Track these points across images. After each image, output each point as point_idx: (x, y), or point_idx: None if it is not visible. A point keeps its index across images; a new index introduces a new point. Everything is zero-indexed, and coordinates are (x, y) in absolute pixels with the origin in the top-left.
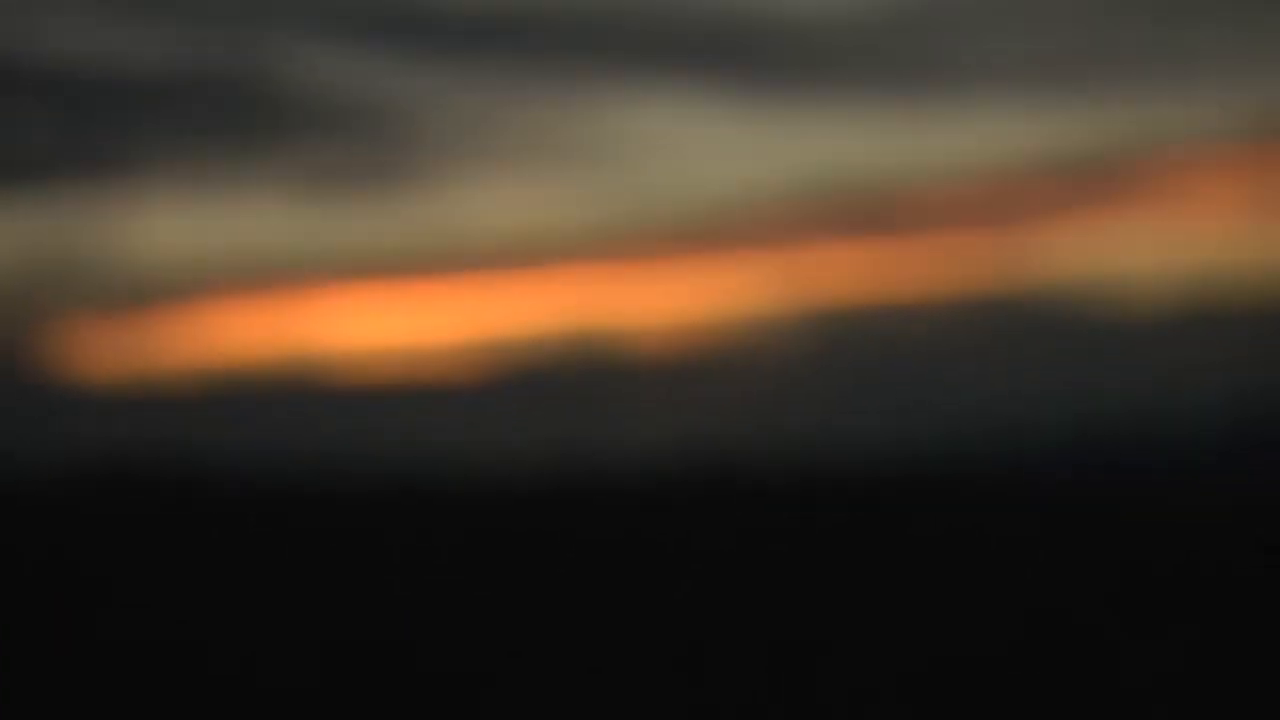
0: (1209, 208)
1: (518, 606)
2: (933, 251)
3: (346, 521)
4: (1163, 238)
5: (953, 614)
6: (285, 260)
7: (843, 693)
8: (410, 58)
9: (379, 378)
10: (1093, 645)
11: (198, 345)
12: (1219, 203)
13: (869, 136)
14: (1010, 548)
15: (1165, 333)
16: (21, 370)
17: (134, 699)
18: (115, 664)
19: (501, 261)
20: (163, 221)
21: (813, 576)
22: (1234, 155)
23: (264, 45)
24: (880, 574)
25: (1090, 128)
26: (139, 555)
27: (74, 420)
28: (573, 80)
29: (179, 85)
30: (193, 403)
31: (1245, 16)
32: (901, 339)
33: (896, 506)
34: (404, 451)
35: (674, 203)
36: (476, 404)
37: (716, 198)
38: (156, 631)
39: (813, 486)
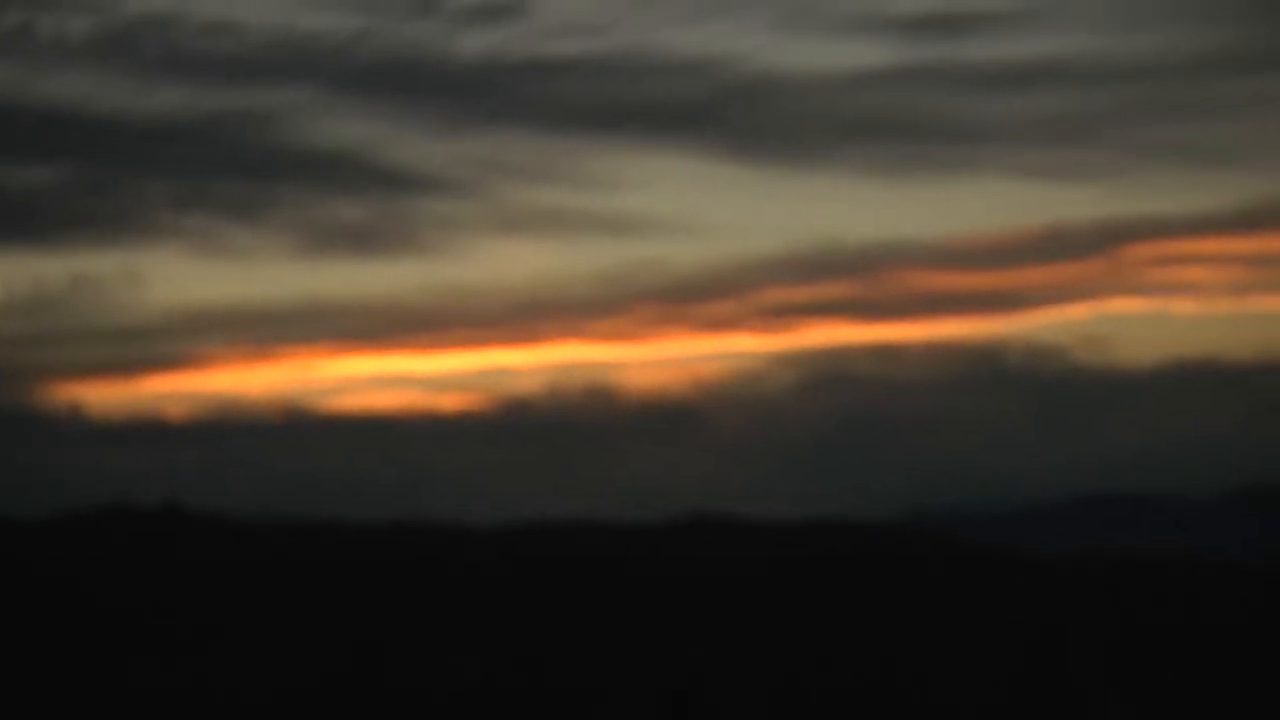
0: (1201, 282)
1: (502, 640)
2: (926, 312)
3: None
4: (1155, 308)
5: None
6: (287, 314)
7: None
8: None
9: (378, 428)
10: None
11: (199, 391)
12: (1211, 278)
13: (865, 198)
14: (1000, 597)
15: (1156, 394)
16: (25, 409)
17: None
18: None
19: (504, 318)
20: (169, 268)
21: (795, 616)
22: (1226, 235)
23: (277, 101)
24: (867, 621)
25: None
26: (137, 584)
27: (76, 457)
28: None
29: (188, 136)
30: (190, 444)
31: (1237, 112)
32: (892, 395)
33: (883, 556)
34: (404, 496)
35: (670, 262)
36: (477, 452)
37: (714, 257)
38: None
39: (799, 533)
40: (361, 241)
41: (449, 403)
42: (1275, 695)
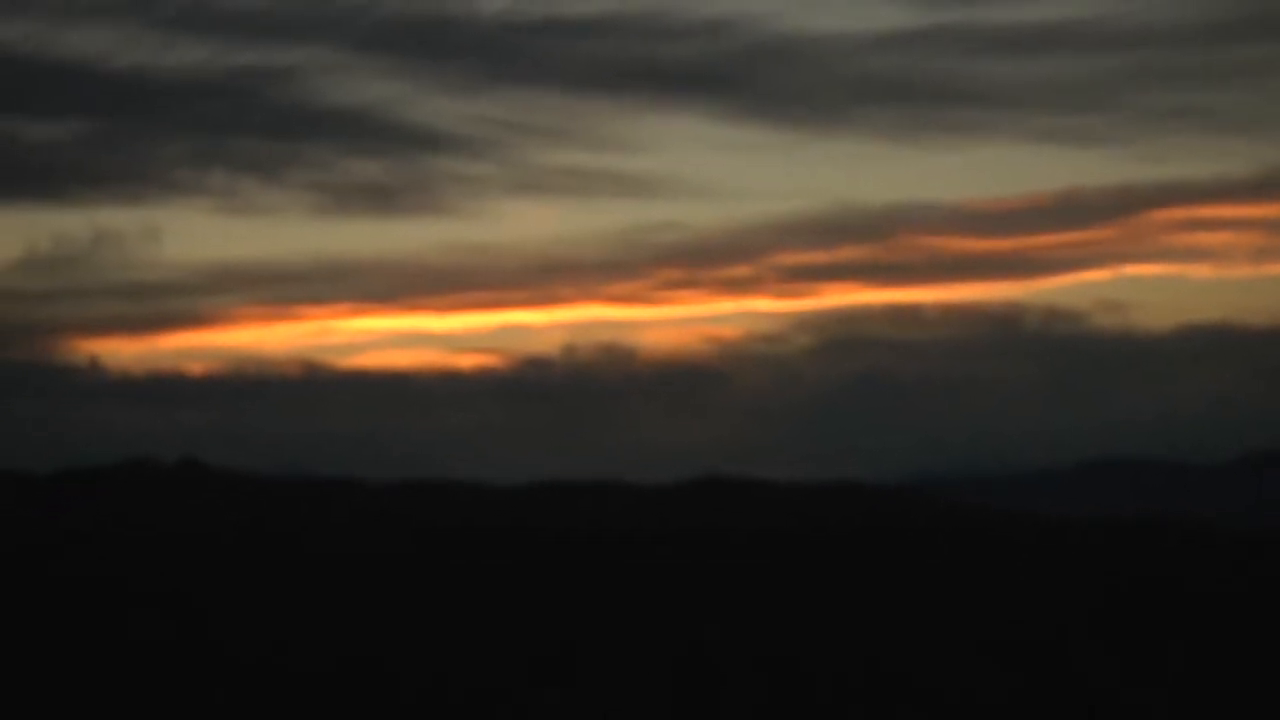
0: (1219, 248)
1: (516, 602)
2: (943, 275)
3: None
4: (1172, 273)
5: (947, 627)
6: (307, 272)
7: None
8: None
9: (396, 386)
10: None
11: (218, 347)
12: (1229, 244)
13: (883, 161)
14: (1015, 559)
15: (1172, 359)
16: (46, 364)
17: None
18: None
19: (522, 278)
20: (189, 225)
21: (807, 582)
22: (1244, 201)
23: (299, 59)
24: (882, 584)
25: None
26: (155, 538)
27: (96, 412)
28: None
29: (209, 93)
30: (209, 401)
31: (1257, 77)
32: (908, 358)
33: (899, 519)
34: (422, 454)
35: (688, 224)
36: (494, 412)
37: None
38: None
39: (817, 496)
40: (381, 200)
41: (467, 362)
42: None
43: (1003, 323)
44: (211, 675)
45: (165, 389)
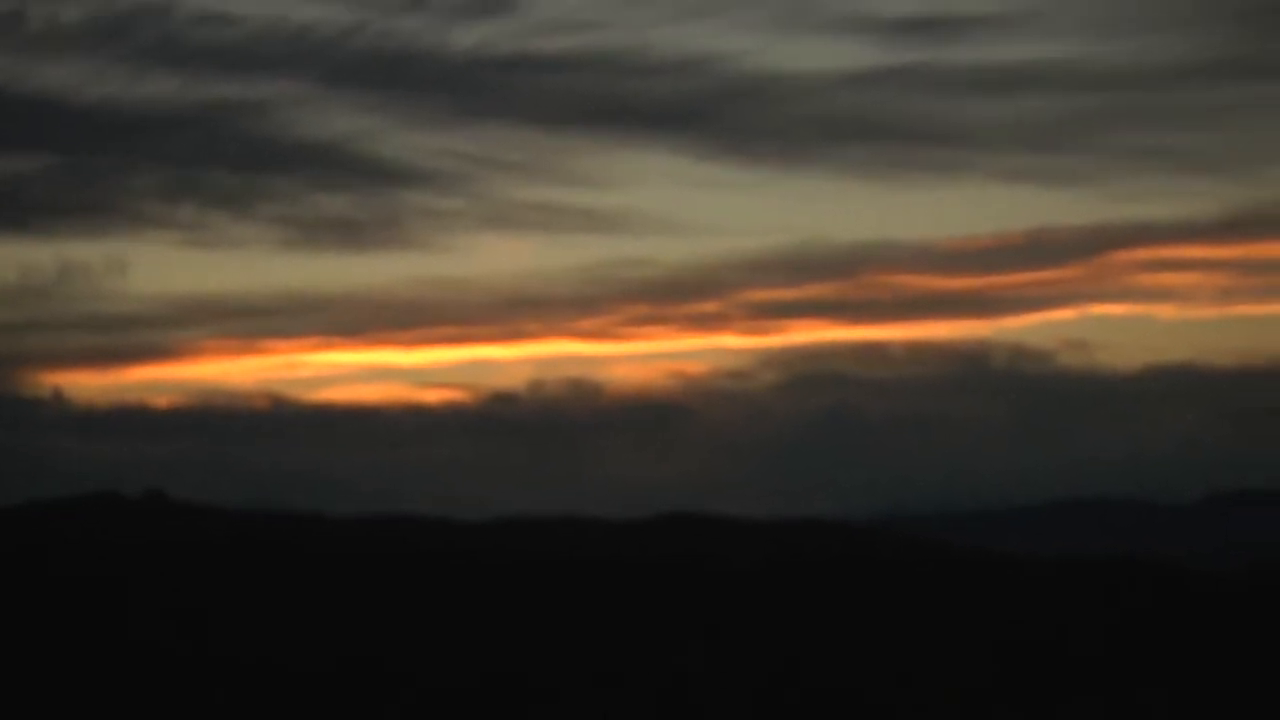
0: (1184, 288)
1: (483, 637)
2: (910, 313)
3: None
4: (1138, 313)
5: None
6: (274, 305)
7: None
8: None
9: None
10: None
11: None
12: (1194, 284)
13: (851, 199)
14: (977, 600)
15: (1137, 399)
16: (11, 396)
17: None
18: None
19: (490, 313)
20: (157, 257)
21: (774, 617)
22: (1210, 242)
23: (268, 93)
24: (849, 620)
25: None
26: (120, 572)
27: (61, 445)
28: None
29: (178, 126)
30: (175, 434)
31: (1223, 119)
32: (875, 395)
33: (866, 556)
34: (387, 489)
35: (656, 260)
36: (461, 446)
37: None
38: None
39: (784, 532)
40: (349, 234)
41: (434, 397)
42: (1250, 696)
43: (969, 361)
44: (180, 704)
45: (130, 421)
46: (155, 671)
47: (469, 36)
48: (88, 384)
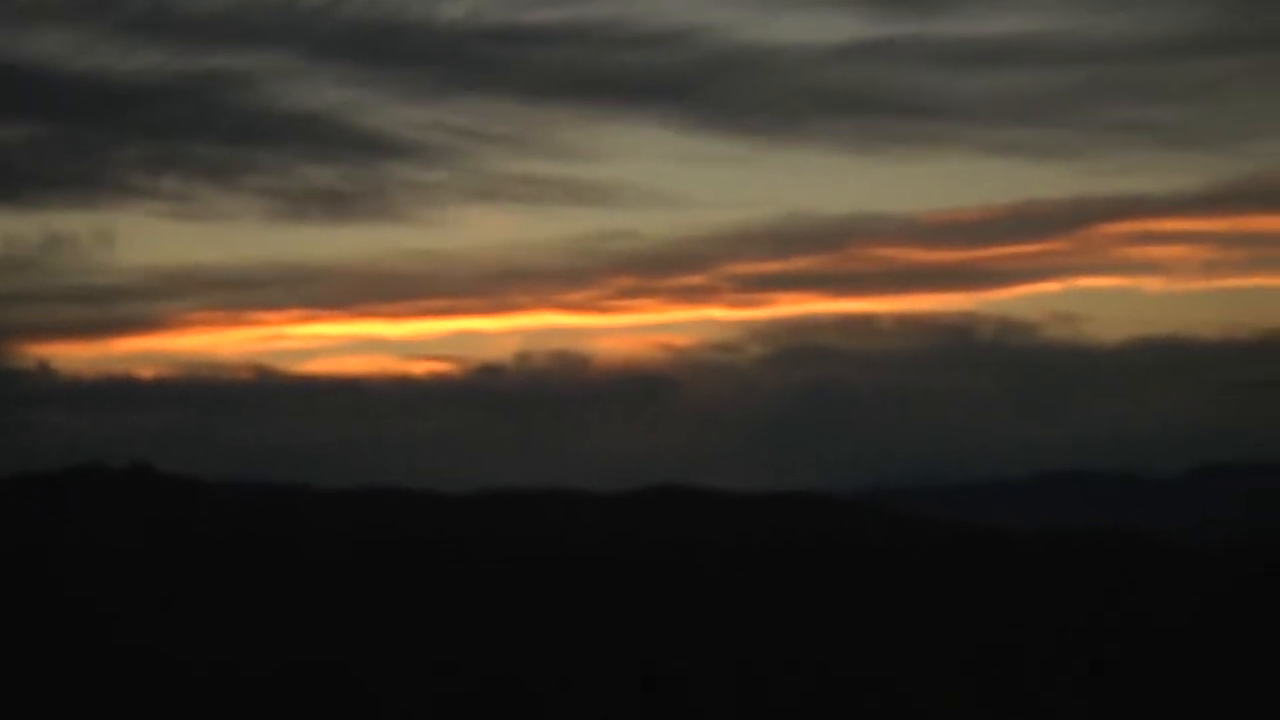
0: (1171, 261)
1: (470, 609)
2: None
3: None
4: (1125, 286)
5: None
6: (261, 277)
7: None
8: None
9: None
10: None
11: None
12: (1181, 257)
13: (838, 172)
14: (969, 569)
15: (1124, 371)
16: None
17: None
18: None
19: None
20: (143, 229)
21: (762, 590)
22: (1196, 215)
23: (255, 64)
24: (837, 593)
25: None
26: (104, 544)
27: (46, 416)
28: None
29: (165, 98)
30: (161, 406)
31: (1209, 93)
32: (862, 368)
33: (853, 529)
34: (374, 461)
35: (643, 233)
36: (447, 419)
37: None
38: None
39: (771, 505)
40: (336, 206)
41: (420, 369)
42: (1238, 673)
43: (956, 333)
44: (164, 679)
45: (116, 393)
46: (141, 645)
47: (457, 8)
48: (74, 355)
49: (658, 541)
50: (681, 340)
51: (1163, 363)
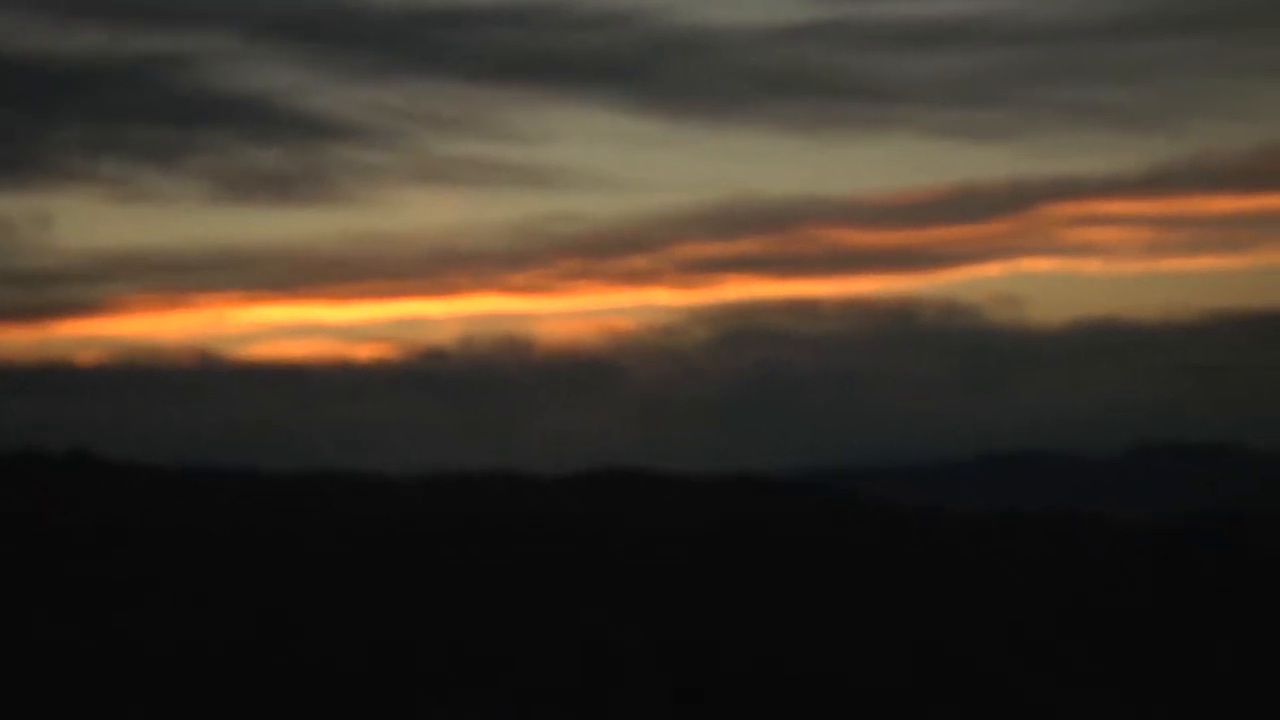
0: (1111, 243)
1: (409, 594)
2: (840, 268)
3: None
4: (1065, 268)
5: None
6: (201, 260)
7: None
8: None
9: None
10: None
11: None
12: (1120, 239)
13: (781, 154)
14: (914, 551)
15: (1065, 353)
16: None
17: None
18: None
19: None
20: (82, 212)
21: (706, 574)
22: (1135, 197)
23: (196, 46)
24: (781, 576)
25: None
26: (41, 532)
27: None
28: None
29: (104, 79)
30: (101, 391)
31: (1150, 74)
32: (806, 351)
33: (797, 512)
34: (316, 446)
35: (587, 215)
36: (391, 403)
37: (629, 210)
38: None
39: (715, 488)
40: (277, 189)
41: (363, 352)
42: (1177, 655)
43: (899, 316)
44: (109, 669)
45: (55, 378)
46: (78, 634)
47: None
48: (10, 340)
49: (603, 524)
50: (626, 323)
51: (1104, 344)
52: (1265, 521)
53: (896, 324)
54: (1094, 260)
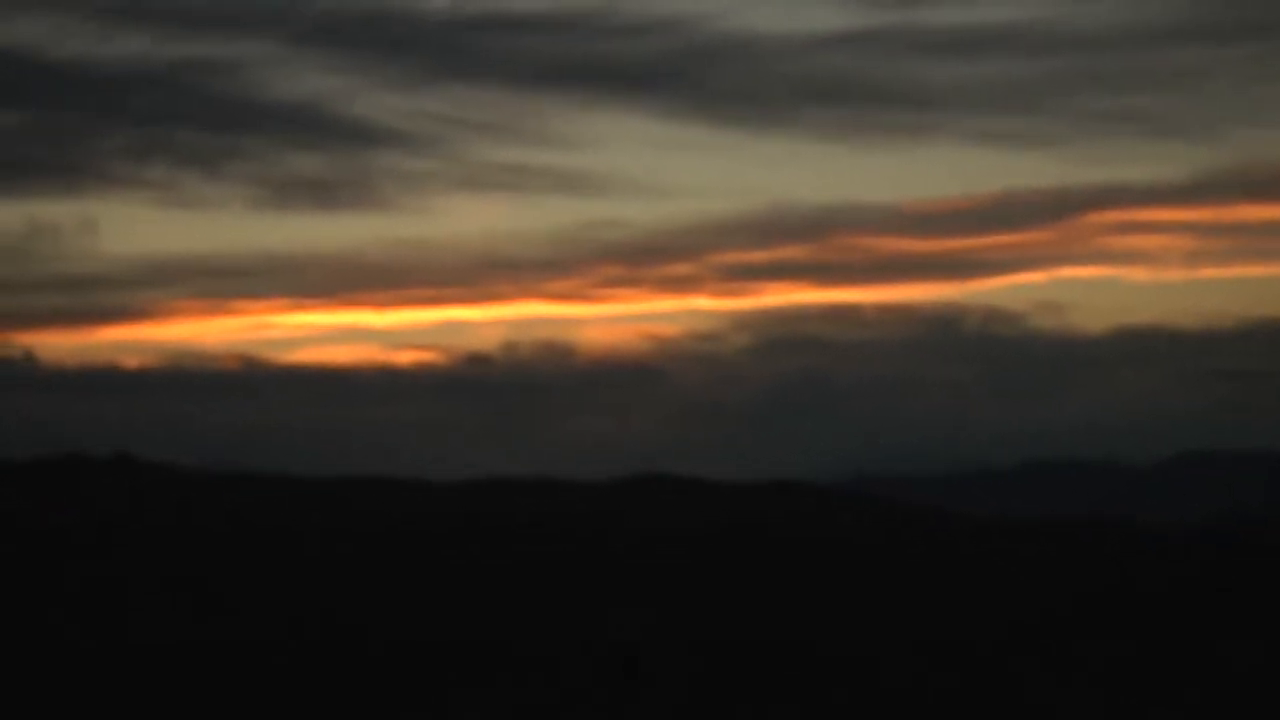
0: (1154, 250)
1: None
2: (881, 276)
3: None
4: (1109, 276)
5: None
6: (245, 266)
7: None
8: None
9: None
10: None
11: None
12: (1163, 247)
13: (822, 161)
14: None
15: (1108, 361)
16: None
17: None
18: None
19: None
20: (127, 217)
21: (747, 580)
22: (1178, 205)
23: (240, 52)
24: (822, 582)
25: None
26: (87, 534)
27: (30, 406)
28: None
29: (149, 85)
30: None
31: (1192, 83)
32: (847, 358)
33: (838, 518)
34: (359, 450)
35: (629, 222)
36: (433, 408)
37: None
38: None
39: (756, 495)
40: (321, 195)
41: (406, 358)
42: (1216, 661)
43: (941, 323)
44: (145, 669)
45: (100, 382)
46: (119, 635)
47: None
48: (58, 344)
49: (643, 530)
50: (667, 330)
51: (1146, 352)
52: None
53: (938, 331)
54: (1136, 268)
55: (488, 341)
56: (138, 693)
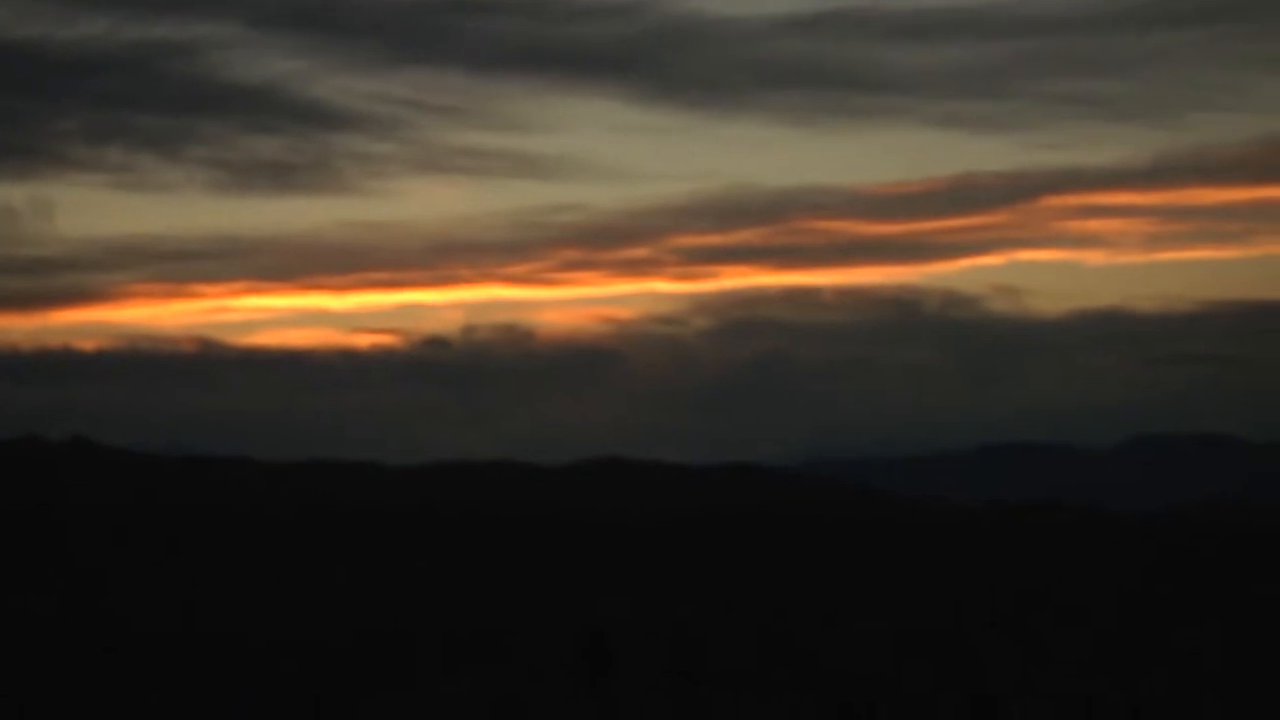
0: (1111, 234)
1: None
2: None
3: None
4: (1066, 259)
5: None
6: (203, 249)
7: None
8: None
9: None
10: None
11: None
12: (1121, 230)
13: (781, 145)
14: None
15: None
16: None
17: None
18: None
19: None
20: (84, 200)
21: (704, 562)
22: (1135, 189)
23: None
24: (779, 564)
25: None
26: (42, 516)
27: None
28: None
29: (107, 68)
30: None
31: (1149, 67)
32: (805, 341)
33: (796, 501)
34: (318, 433)
35: (587, 205)
36: (392, 391)
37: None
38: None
39: (714, 477)
40: (280, 178)
41: (365, 341)
42: (1170, 634)
43: (899, 306)
44: (100, 646)
45: (56, 365)
46: (77, 617)
47: None
48: (13, 328)
49: (602, 512)
50: (625, 313)
51: (1104, 335)
52: (1261, 512)
53: (896, 314)
54: (1093, 251)
55: (447, 325)
56: (94, 671)
